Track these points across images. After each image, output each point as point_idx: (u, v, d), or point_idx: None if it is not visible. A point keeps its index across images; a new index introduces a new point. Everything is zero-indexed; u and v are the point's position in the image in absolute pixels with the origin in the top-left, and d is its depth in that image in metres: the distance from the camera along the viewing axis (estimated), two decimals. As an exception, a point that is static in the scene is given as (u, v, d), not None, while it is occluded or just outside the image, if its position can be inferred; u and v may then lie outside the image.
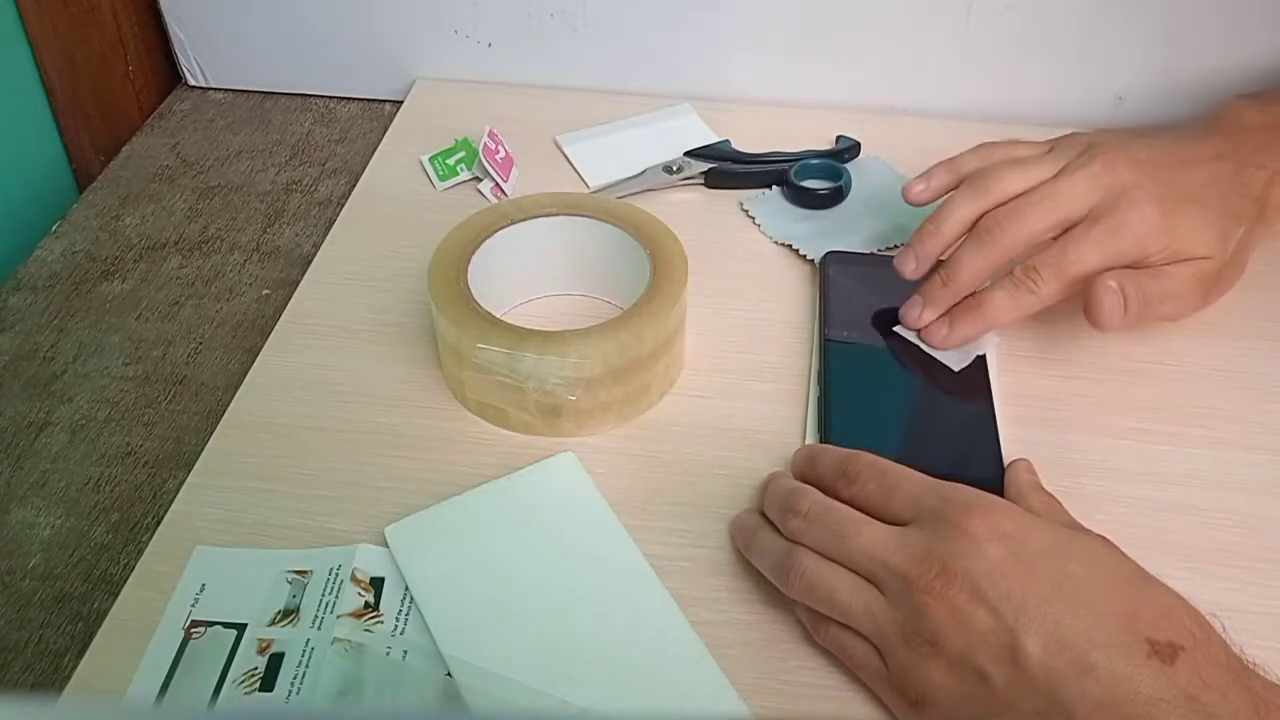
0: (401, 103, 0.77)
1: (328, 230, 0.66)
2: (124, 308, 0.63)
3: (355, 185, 0.69)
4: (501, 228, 0.57)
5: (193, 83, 0.82)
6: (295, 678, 0.43)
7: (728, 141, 0.71)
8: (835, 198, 0.67)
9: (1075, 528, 0.44)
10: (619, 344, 0.51)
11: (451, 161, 0.70)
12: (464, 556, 0.48)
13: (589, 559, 0.48)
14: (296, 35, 0.78)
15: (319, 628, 0.45)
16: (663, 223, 0.57)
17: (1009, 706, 0.38)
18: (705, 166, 0.69)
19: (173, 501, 0.50)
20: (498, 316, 0.52)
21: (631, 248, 0.56)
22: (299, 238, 0.68)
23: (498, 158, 0.68)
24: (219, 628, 0.45)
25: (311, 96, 0.81)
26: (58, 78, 0.72)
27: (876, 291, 0.59)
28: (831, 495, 0.45)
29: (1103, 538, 0.42)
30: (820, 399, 0.54)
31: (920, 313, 0.55)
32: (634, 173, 0.69)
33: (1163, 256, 0.52)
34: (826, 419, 0.53)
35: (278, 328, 0.59)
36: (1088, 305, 0.52)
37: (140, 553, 0.48)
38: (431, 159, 0.70)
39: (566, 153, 0.72)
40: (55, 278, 0.65)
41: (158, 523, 0.50)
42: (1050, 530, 0.41)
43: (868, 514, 0.43)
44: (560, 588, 0.47)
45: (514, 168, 0.70)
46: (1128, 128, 0.58)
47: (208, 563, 0.48)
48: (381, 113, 0.79)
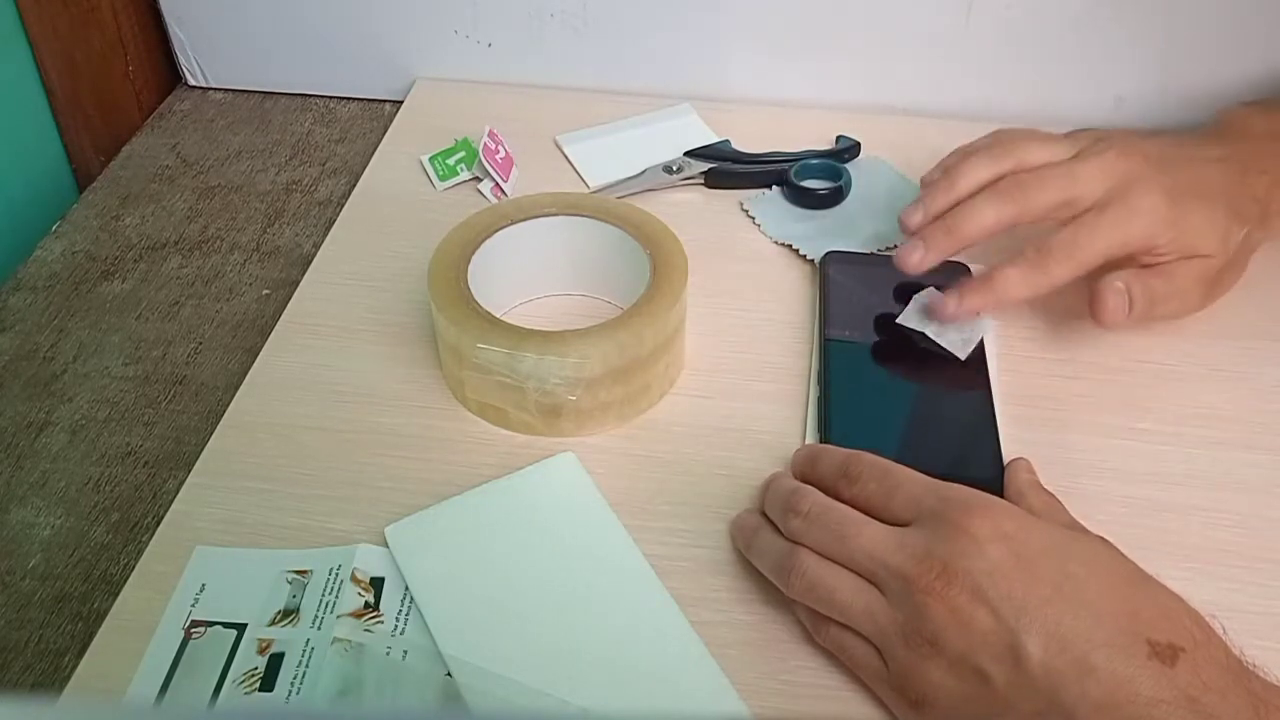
0: (401, 103, 0.77)
1: (328, 230, 0.66)
2: (124, 308, 0.63)
3: (355, 185, 0.69)
4: (501, 228, 0.57)
5: (193, 83, 0.82)
6: (295, 678, 0.43)
7: (728, 141, 0.71)
8: (835, 198, 0.67)
9: (1075, 528, 0.44)
10: (619, 344, 0.51)
11: (451, 161, 0.70)
12: (464, 556, 0.48)
13: (589, 559, 0.48)
14: (296, 35, 0.78)
15: (319, 628, 0.45)
16: (663, 223, 0.57)
17: (1009, 707, 0.38)
18: (705, 166, 0.69)
19: (173, 501, 0.50)
20: (498, 316, 0.52)
21: (631, 248, 0.56)
22: (299, 238, 0.68)
23: (498, 158, 0.68)
24: (219, 628, 0.45)
25: (311, 96, 0.81)
26: (58, 78, 0.72)
27: (877, 291, 0.59)
28: (833, 495, 0.45)
29: (1102, 538, 0.42)
30: (820, 399, 0.54)
31: (920, 256, 0.54)
32: (634, 173, 0.69)
33: (1169, 249, 0.53)
34: (826, 419, 0.53)
35: (278, 328, 0.59)
36: (1093, 304, 0.53)
37: (140, 553, 0.48)
38: (431, 159, 0.70)
39: (566, 153, 0.72)
40: (55, 278, 0.65)
41: (158, 523, 0.50)
42: (1051, 530, 0.41)
43: (868, 514, 0.43)
44: (560, 588, 0.47)
45: (514, 168, 0.70)
46: (1130, 128, 0.59)
47: (208, 563, 0.48)
48: (381, 113, 0.79)
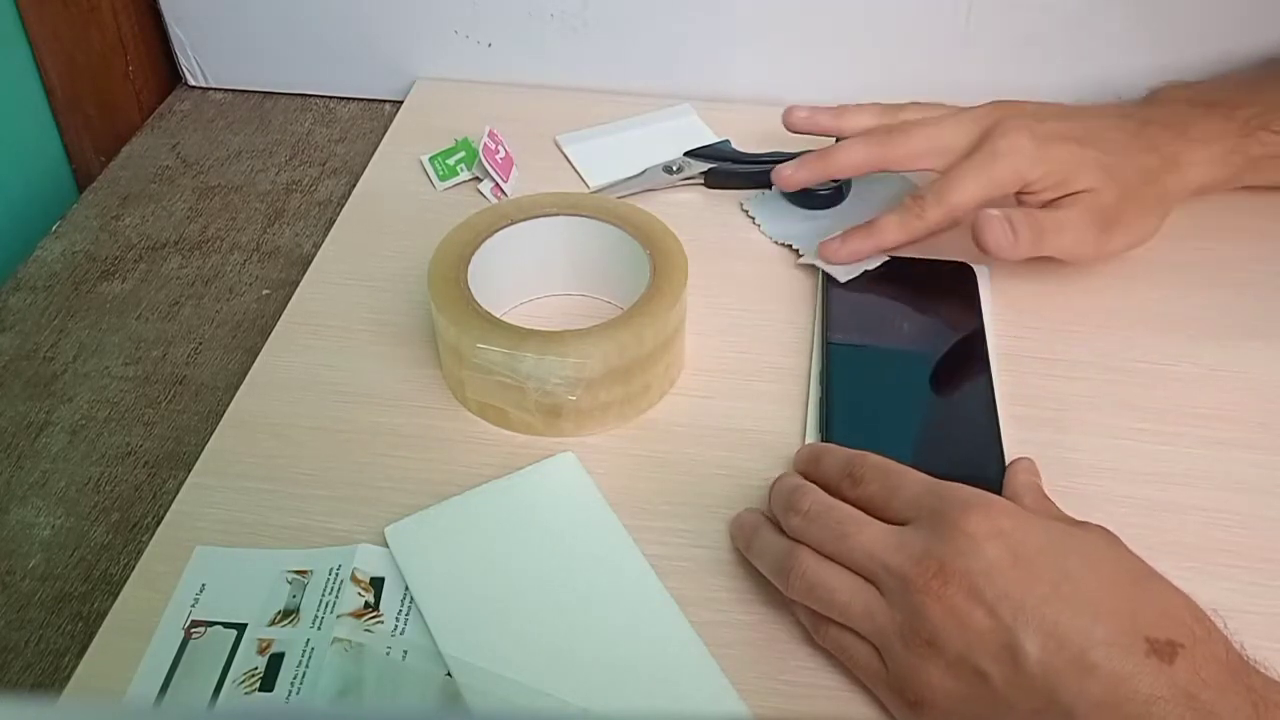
0: (401, 103, 0.77)
1: (328, 230, 0.66)
2: (124, 308, 0.63)
3: (355, 185, 0.69)
4: (501, 228, 0.57)
5: (193, 83, 0.82)
6: (295, 678, 0.43)
7: (728, 141, 0.71)
8: (835, 198, 0.67)
9: (1071, 524, 0.44)
10: (619, 344, 0.51)
11: (451, 161, 0.70)
12: (464, 556, 0.48)
13: (589, 559, 0.48)
14: (296, 35, 0.78)
15: (319, 628, 0.45)
16: (663, 223, 0.57)
17: (1008, 706, 0.38)
18: (705, 166, 0.69)
19: (173, 501, 0.50)
20: (498, 316, 0.52)
21: (631, 248, 0.56)
22: (299, 238, 0.68)
23: (498, 158, 0.68)
24: (219, 628, 0.45)
25: (311, 96, 0.81)
26: (58, 78, 0.72)
27: (878, 292, 0.59)
28: (836, 495, 0.45)
29: (1103, 530, 0.42)
30: (822, 400, 0.54)
31: (791, 172, 0.61)
32: (634, 173, 0.69)
33: (1044, 186, 0.56)
34: (828, 420, 0.53)
35: (278, 328, 0.59)
36: (975, 235, 0.55)
37: (140, 553, 0.48)
38: (431, 159, 0.70)
39: (566, 153, 0.72)
40: (55, 278, 0.65)
41: (158, 523, 0.50)
42: (1049, 527, 0.41)
43: (870, 514, 0.43)
44: (560, 588, 0.47)
45: (514, 168, 0.69)
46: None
47: (208, 563, 0.48)
48: (381, 113, 0.79)
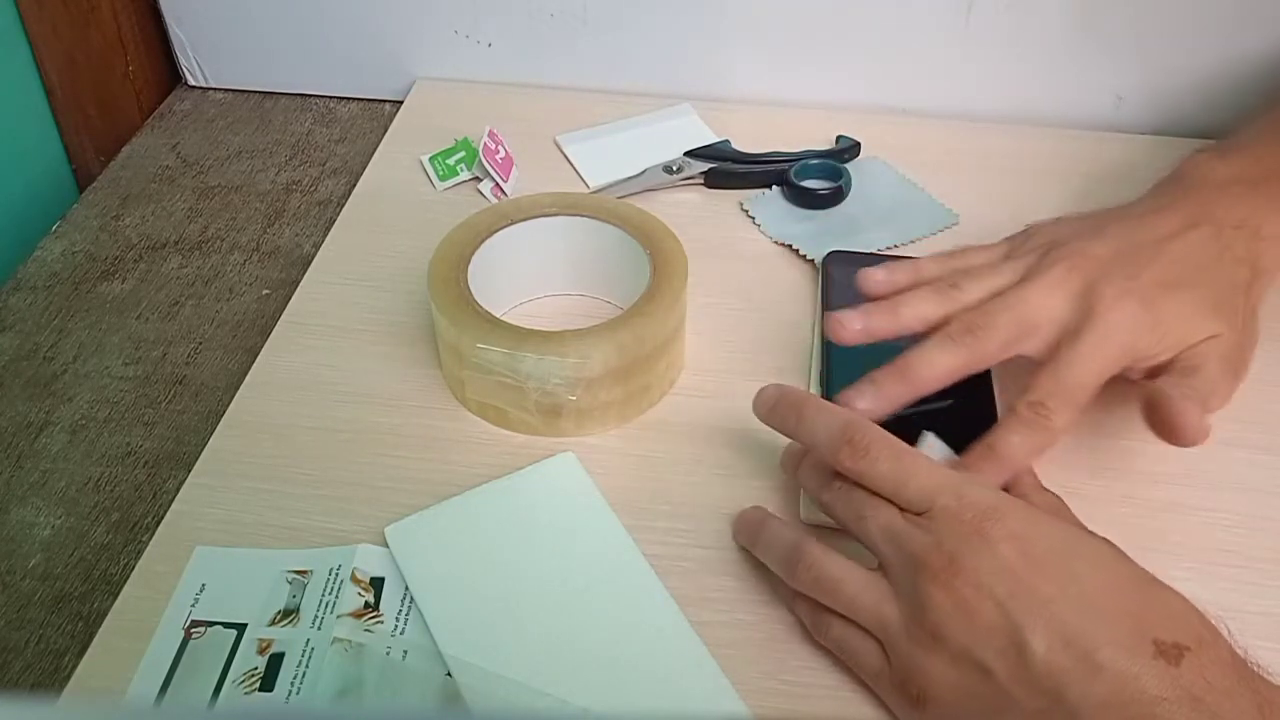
0: (401, 103, 0.77)
1: (328, 230, 0.66)
2: (124, 308, 0.63)
3: (355, 185, 0.69)
4: (501, 228, 0.57)
5: (193, 83, 0.82)
6: (295, 678, 0.43)
7: (728, 141, 0.71)
8: (835, 198, 0.67)
9: (1082, 529, 0.44)
10: (619, 344, 0.51)
11: (451, 161, 0.70)
12: (464, 556, 0.48)
13: (589, 559, 0.48)
14: (296, 35, 0.78)
15: (319, 628, 0.45)
16: (663, 223, 0.57)
17: (1011, 703, 0.38)
18: (705, 166, 0.69)
19: (173, 501, 0.50)
20: (498, 316, 0.52)
21: (631, 248, 0.56)
22: (299, 238, 0.68)
23: (498, 158, 0.68)
24: (219, 628, 0.45)
25: (311, 96, 0.81)
26: (58, 78, 0.72)
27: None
28: (829, 459, 0.44)
29: (1108, 541, 0.42)
30: (822, 378, 0.54)
31: (868, 402, 0.48)
32: (634, 173, 0.69)
33: (1163, 350, 0.48)
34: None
35: (278, 328, 0.59)
36: (1162, 422, 0.46)
37: (140, 553, 0.48)
38: (431, 159, 0.70)
39: (566, 153, 0.72)
40: (55, 278, 0.65)
41: (158, 523, 0.50)
42: (1061, 530, 0.41)
43: (876, 493, 0.43)
44: (560, 588, 0.47)
45: (514, 168, 0.70)
46: (1083, 212, 0.55)
47: (208, 563, 0.48)
48: (381, 113, 0.79)
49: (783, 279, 0.62)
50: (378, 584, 0.47)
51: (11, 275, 0.65)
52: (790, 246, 0.64)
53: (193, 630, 0.45)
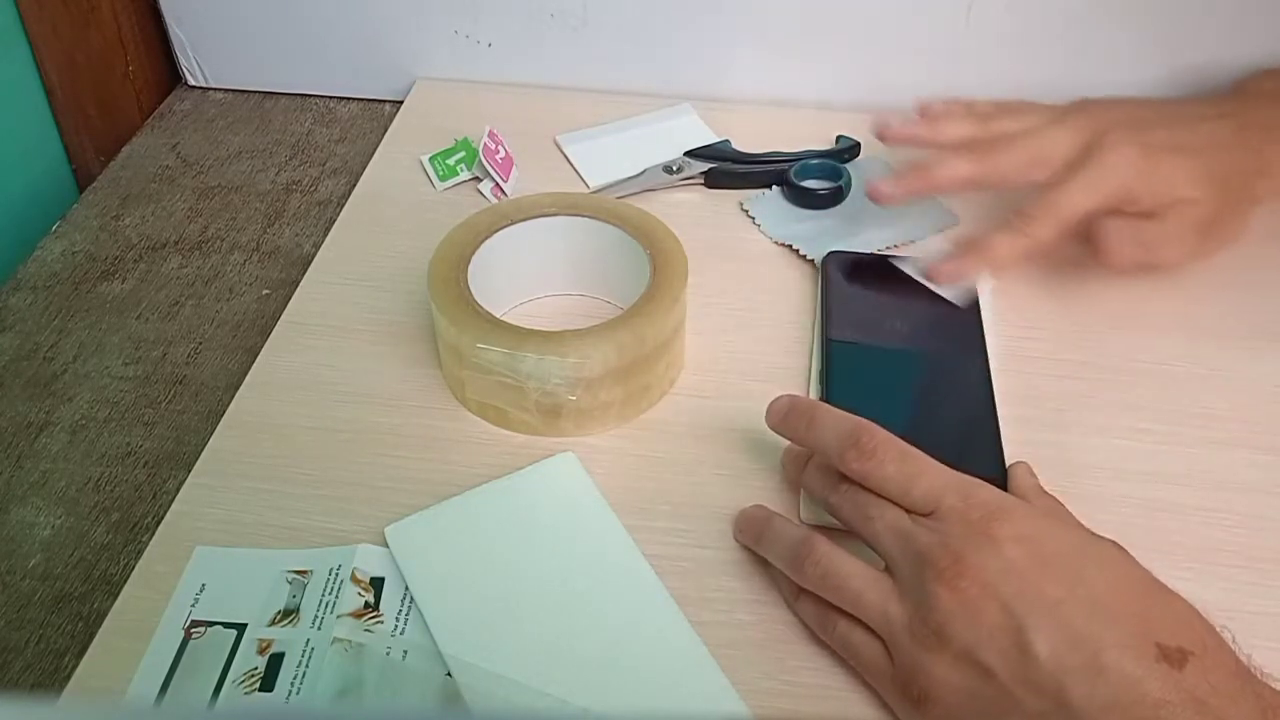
0: (401, 103, 0.77)
1: (328, 230, 0.66)
2: (124, 308, 0.63)
3: (355, 185, 0.69)
4: (501, 228, 0.57)
5: (193, 83, 0.82)
6: (295, 678, 0.43)
7: (728, 141, 0.71)
8: (835, 198, 0.67)
9: (1088, 532, 0.44)
10: (619, 344, 0.51)
11: (451, 161, 0.70)
12: (464, 556, 0.48)
13: (589, 559, 0.48)
14: (296, 35, 0.78)
15: (319, 628, 0.45)
16: (663, 223, 0.57)
17: (1014, 705, 0.38)
18: (705, 166, 0.69)
19: (173, 501, 0.50)
20: (498, 316, 0.52)
21: (631, 248, 0.56)
22: (299, 238, 0.68)
23: (498, 158, 0.68)
24: (219, 628, 0.45)
25: (311, 96, 0.81)
26: (58, 78, 0.72)
27: (878, 292, 0.59)
28: (837, 463, 0.44)
29: (1115, 543, 0.42)
30: (822, 400, 0.54)
31: (890, 187, 0.58)
32: (634, 173, 0.69)
33: (1151, 198, 0.55)
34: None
35: (278, 328, 0.59)
36: (1095, 247, 0.56)
37: (140, 553, 0.48)
38: (431, 159, 0.70)
39: (566, 153, 0.72)
40: (55, 278, 0.65)
41: (158, 523, 0.50)
42: (1067, 533, 0.41)
43: (882, 496, 0.43)
44: (560, 588, 0.47)
45: (514, 168, 0.70)
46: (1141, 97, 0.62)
47: (208, 563, 0.48)
48: (381, 113, 0.79)
49: (783, 279, 0.62)
50: (378, 584, 0.47)
51: (11, 275, 0.65)
52: (790, 246, 0.64)
53: (193, 630, 0.45)
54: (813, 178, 0.68)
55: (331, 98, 0.80)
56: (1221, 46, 0.71)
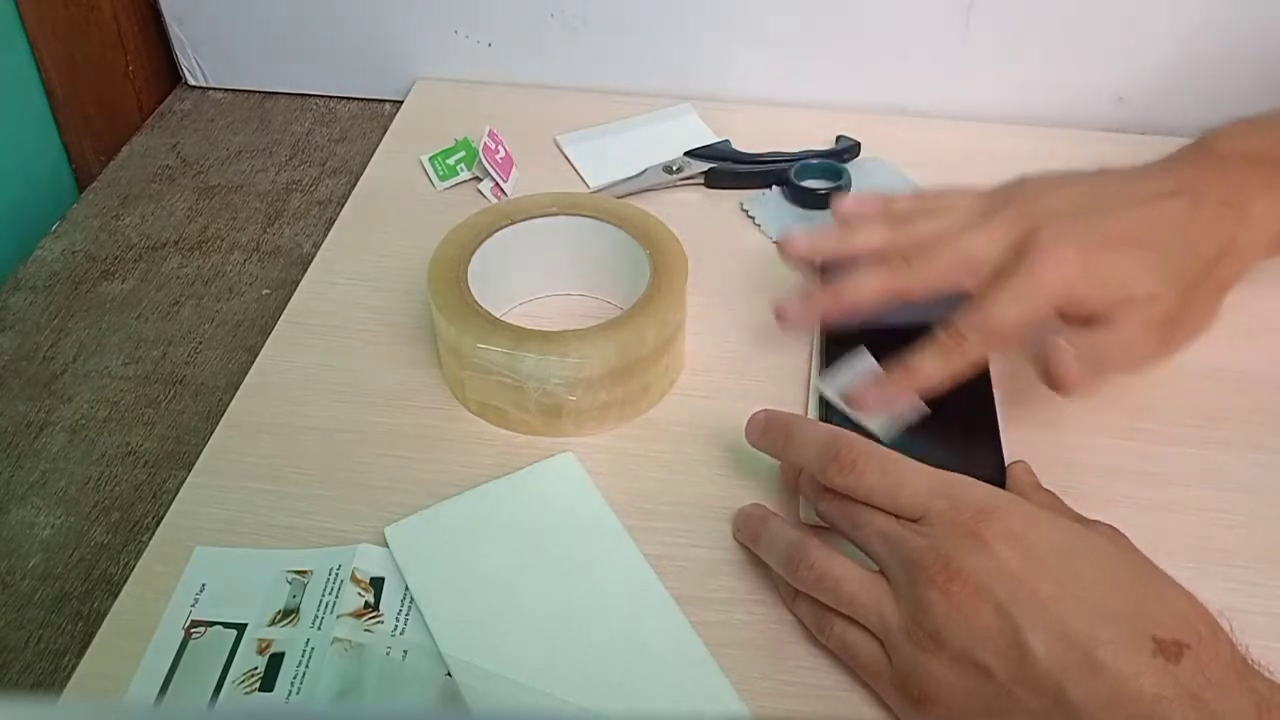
0: (401, 103, 0.77)
1: (328, 230, 0.66)
2: (124, 308, 0.63)
3: (355, 185, 0.69)
4: (501, 228, 0.57)
5: (193, 83, 0.82)
6: (295, 678, 0.43)
7: (728, 141, 0.71)
8: (835, 198, 0.67)
9: (1081, 522, 0.44)
10: (619, 344, 0.51)
11: (451, 161, 0.70)
12: (464, 556, 0.48)
13: (589, 559, 0.48)
14: (296, 35, 0.78)
15: (319, 628, 0.45)
16: (663, 223, 0.57)
17: (1013, 703, 0.38)
18: (705, 166, 0.69)
19: (173, 501, 0.50)
20: (498, 316, 0.52)
21: (631, 248, 0.56)
22: (299, 238, 0.68)
23: (498, 158, 0.68)
24: (219, 628, 0.45)
25: (311, 96, 0.81)
26: (58, 78, 0.72)
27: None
28: (819, 477, 0.44)
29: (1111, 529, 0.42)
30: (821, 400, 0.54)
31: (796, 312, 0.52)
32: (634, 173, 0.69)
33: (1098, 300, 0.48)
34: (828, 420, 0.52)
35: (278, 328, 0.59)
36: (1042, 372, 0.48)
37: (140, 553, 0.48)
38: (431, 159, 0.70)
39: (566, 153, 0.72)
40: (55, 278, 0.65)
41: (158, 523, 0.50)
42: (1059, 527, 0.41)
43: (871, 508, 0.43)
44: (560, 587, 0.47)
45: (514, 168, 0.70)
46: (1081, 170, 0.54)
47: (208, 563, 0.48)
48: (381, 113, 0.79)
49: (783, 279, 0.62)
50: (378, 584, 0.47)
51: (11, 275, 0.65)
52: (790, 246, 0.64)
53: (193, 630, 0.45)
54: (813, 178, 0.68)
55: (331, 98, 0.80)
56: (1220, 47, 0.71)
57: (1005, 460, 0.50)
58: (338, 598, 0.46)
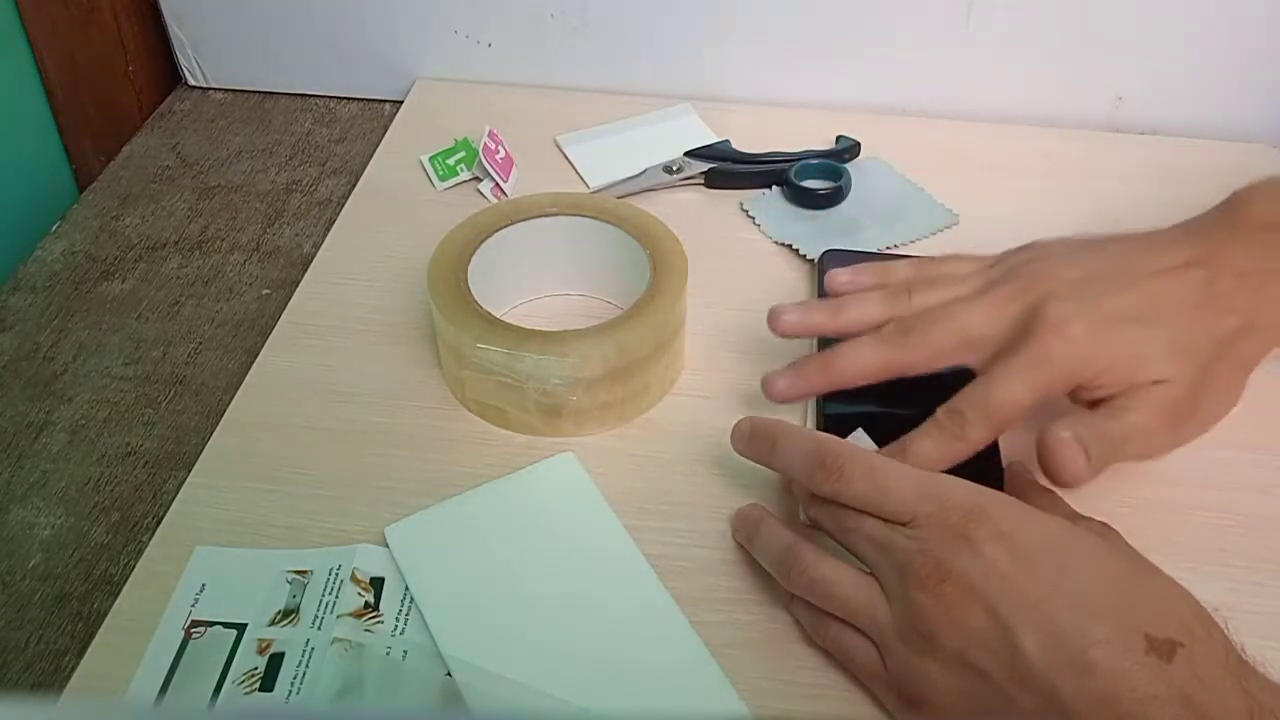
0: (401, 103, 0.77)
1: (328, 230, 0.66)
2: (124, 308, 0.63)
3: (355, 185, 0.69)
4: (501, 228, 0.57)
5: (193, 83, 0.82)
6: (295, 678, 0.43)
7: (728, 141, 0.71)
8: (835, 198, 0.67)
9: (1076, 519, 0.44)
10: (619, 344, 0.51)
11: (451, 161, 0.70)
12: (464, 556, 0.48)
13: (589, 559, 0.48)
14: (296, 35, 0.78)
15: (319, 628, 0.45)
16: (663, 223, 0.57)
17: (1009, 702, 0.38)
18: (705, 166, 0.69)
19: (173, 501, 0.50)
20: (498, 316, 0.52)
21: (631, 248, 0.56)
22: (299, 238, 0.68)
23: (498, 158, 0.68)
24: (219, 628, 0.45)
25: (311, 96, 0.81)
26: (58, 78, 0.72)
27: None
28: (806, 485, 0.44)
29: (1104, 525, 0.42)
30: (819, 399, 0.54)
31: (785, 385, 0.50)
32: (634, 173, 0.69)
33: (1107, 384, 0.45)
34: (825, 419, 0.52)
35: (278, 328, 0.59)
36: (1044, 464, 0.45)
37: (140, 553, 0.48)
38: (431, 159, 0.70)
39: (566, 153, 0.72)
40: (55, 278, 0.65)
41: (158, 523, 0.50)
42: (1049, 525, 0.41)
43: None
44: (560, 588, 0.47)
45: (514, 168, 0.70)
46: (1093, 234, 0.51)
47: (208, 563, 0.48)
48: (381, 113, 0.79)
49: (783, 279, 0.62)
50: (378, 584, 0.47)
51: (11, 275, 0.65)
52: (790, 246, 0.64)
53: (193, 630, 0.45)
54: (813, 178, 0.68)
55: (331, 98, 0.80)
56: (1221, 47, 0.71)
57: (1004, 460, 0.50)
58: (338, 598, 0.46)
